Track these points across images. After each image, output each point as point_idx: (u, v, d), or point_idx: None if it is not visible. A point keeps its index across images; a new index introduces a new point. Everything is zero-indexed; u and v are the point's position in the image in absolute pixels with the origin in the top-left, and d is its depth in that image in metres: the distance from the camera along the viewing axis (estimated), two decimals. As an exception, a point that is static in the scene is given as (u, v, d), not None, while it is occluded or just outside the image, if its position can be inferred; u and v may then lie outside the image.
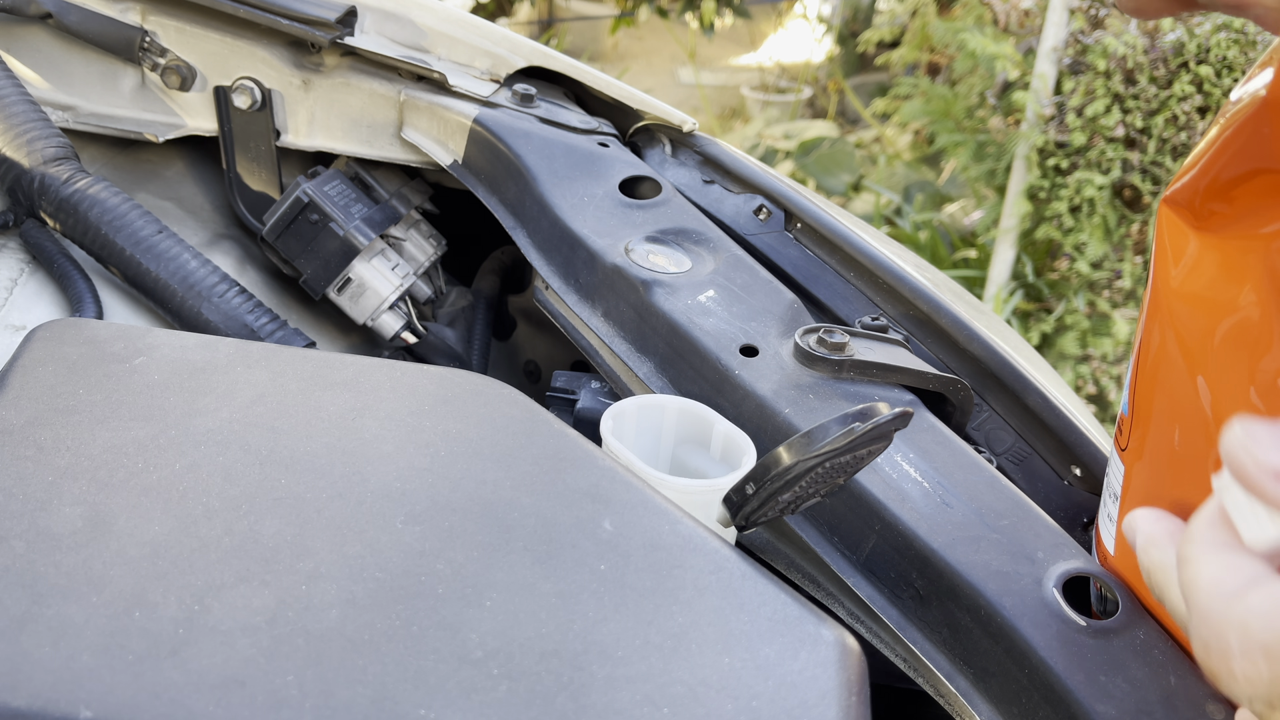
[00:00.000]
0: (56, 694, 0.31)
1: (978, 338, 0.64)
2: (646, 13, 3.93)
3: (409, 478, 0.41)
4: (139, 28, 0.75)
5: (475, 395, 0.46)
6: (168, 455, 0.40)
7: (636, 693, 0.34)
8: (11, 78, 0.67)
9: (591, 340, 0.66)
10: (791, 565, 0.57)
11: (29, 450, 0.40)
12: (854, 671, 0.37)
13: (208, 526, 0.38)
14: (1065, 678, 0.45)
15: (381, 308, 0.78)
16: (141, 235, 0.65)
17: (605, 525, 0.40)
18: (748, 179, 0.76)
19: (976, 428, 0.63)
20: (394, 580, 0.37)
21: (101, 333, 0.47)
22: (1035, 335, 2.59)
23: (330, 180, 0.78)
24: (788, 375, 0.57)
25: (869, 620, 0.54)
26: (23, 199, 0.66)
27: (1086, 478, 0.59)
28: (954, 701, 0.49)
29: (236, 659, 0.33)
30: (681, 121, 0.81)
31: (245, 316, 0.65)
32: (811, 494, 0.44)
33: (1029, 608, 0.47)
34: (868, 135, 3.92)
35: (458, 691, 0.33)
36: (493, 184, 0.75)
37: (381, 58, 0.77)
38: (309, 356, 0.47)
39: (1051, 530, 0.51)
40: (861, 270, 0.69)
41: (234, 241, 0.81)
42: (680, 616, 0.37)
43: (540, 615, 0.36)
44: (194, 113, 0.79)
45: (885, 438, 0.42)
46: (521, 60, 0.81)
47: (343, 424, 0.43)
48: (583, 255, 0.66)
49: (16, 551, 0.36)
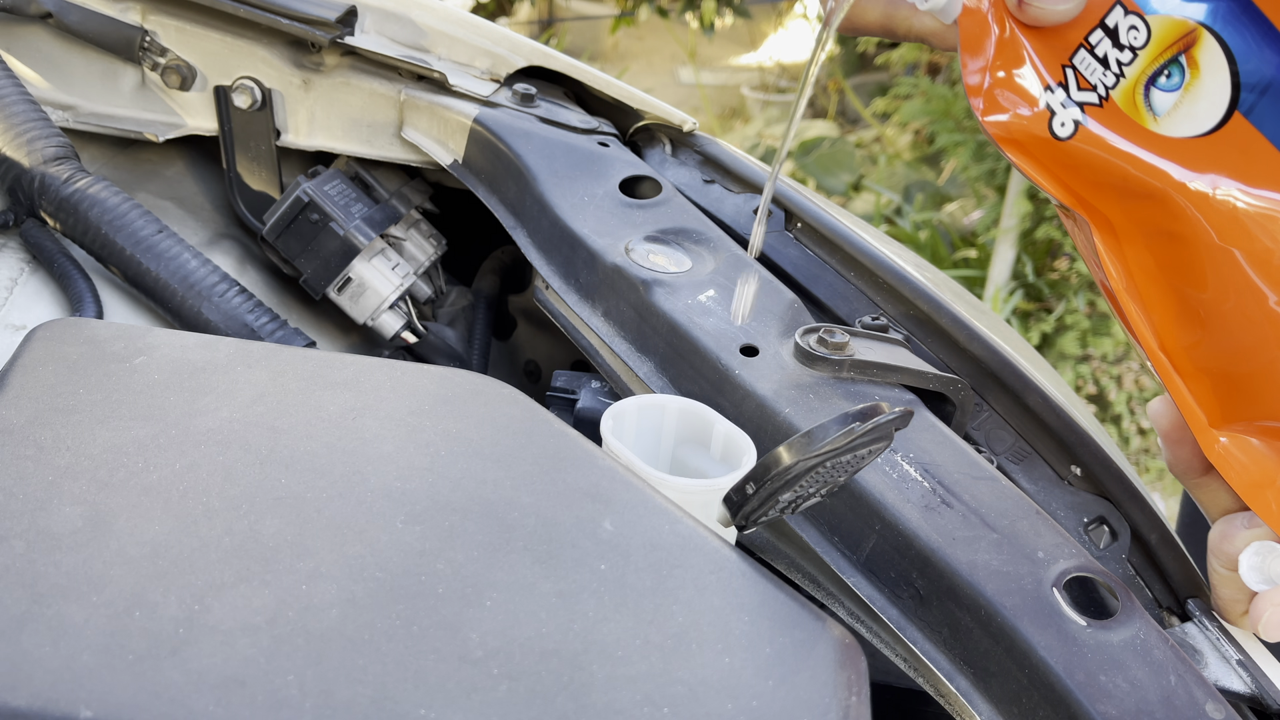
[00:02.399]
0: (56, 694, 0.31)
1: (978, 337, 0.64)
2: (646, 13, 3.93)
3: (409, 477, 0.41)
4: (139, 27, 0.75)
5: (475, 395, 0.46)
6: (168, 455, 0.40)
7: (637, 692, 0.34)
8: (11, 77, 0.67)
9: (591, 340, 0.66)
10: (791, 565, 0.57)
11: (29, 450, 0.40)
12: (854, 671, 0.37)
13: (208, 526, 0.38)
14: (1065, 678, 0.45)
15: (382, 307, 0.78)
16: (142, 235, 0.65)
17: (605, 525, 0.40)
18: (748, 179, 0.76)
19: (976, 428, 0.63)
20: (394, 580, 0.37)
21: (101, 332, 0.47)
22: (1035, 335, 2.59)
23: (330, 180, 0.78)
24: (788, 375, 0.57)
25: (869, 620, 0.54)
26: (23, 198, 0.66)
27: (1087, 477, 0.59)
28: (954, 701, 0.49)
29: (236, 659, 0.33)
30: (682, 121, 0.81)
31: (245, 316, 0.65)
32: (811, 494, 0.44)
33: (1029, 608, 0.47)
34: (868, 135, 3.92)
35: (458, 691, 0.33)
36: (493, 184, 0.75)
37: (382, 57, 0.77)
38: (309, 356, 0.47)
39: (1051, 530, 0.51)
40: (862, 270, 0.69)
41: (234, 241, 0.81)
42: (680, 616, 0.37)
43: (540, 615, 0.36)
44: (194, 112, 0.79)
45: (886, 437, 0.42)
46: (522, 60, 0.81)
47: (343, 424, 0.43)
48: (583, 255, 0.66)
49: (16, 551, 0.36)
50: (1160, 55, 0.46)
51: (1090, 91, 0.47)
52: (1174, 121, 0.47)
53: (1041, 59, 0.47)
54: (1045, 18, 0.47)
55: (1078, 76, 0.47)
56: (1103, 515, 0.58)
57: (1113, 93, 0.47)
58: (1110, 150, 0.47)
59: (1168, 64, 0.46)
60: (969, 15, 0.49)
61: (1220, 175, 0.46)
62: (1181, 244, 0.47)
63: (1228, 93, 0.46)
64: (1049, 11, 0.46)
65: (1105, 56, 0.47)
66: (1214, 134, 0.46)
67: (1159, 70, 0.46)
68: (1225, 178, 0.46)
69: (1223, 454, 0.49)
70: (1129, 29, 0.46)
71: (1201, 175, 0.46)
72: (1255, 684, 0.50)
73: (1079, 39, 0.47)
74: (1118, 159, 0.47)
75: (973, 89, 0.48)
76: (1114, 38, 0.47)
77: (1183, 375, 0.49)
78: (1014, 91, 0.48)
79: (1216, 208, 0.46)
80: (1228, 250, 0.46)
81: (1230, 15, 0.46)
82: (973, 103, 0.48)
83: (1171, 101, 0.46)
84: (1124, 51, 0.47)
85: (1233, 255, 0.46)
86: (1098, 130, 0.47)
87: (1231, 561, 0.50)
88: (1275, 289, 0.45)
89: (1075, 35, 0.47)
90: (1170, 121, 0.47)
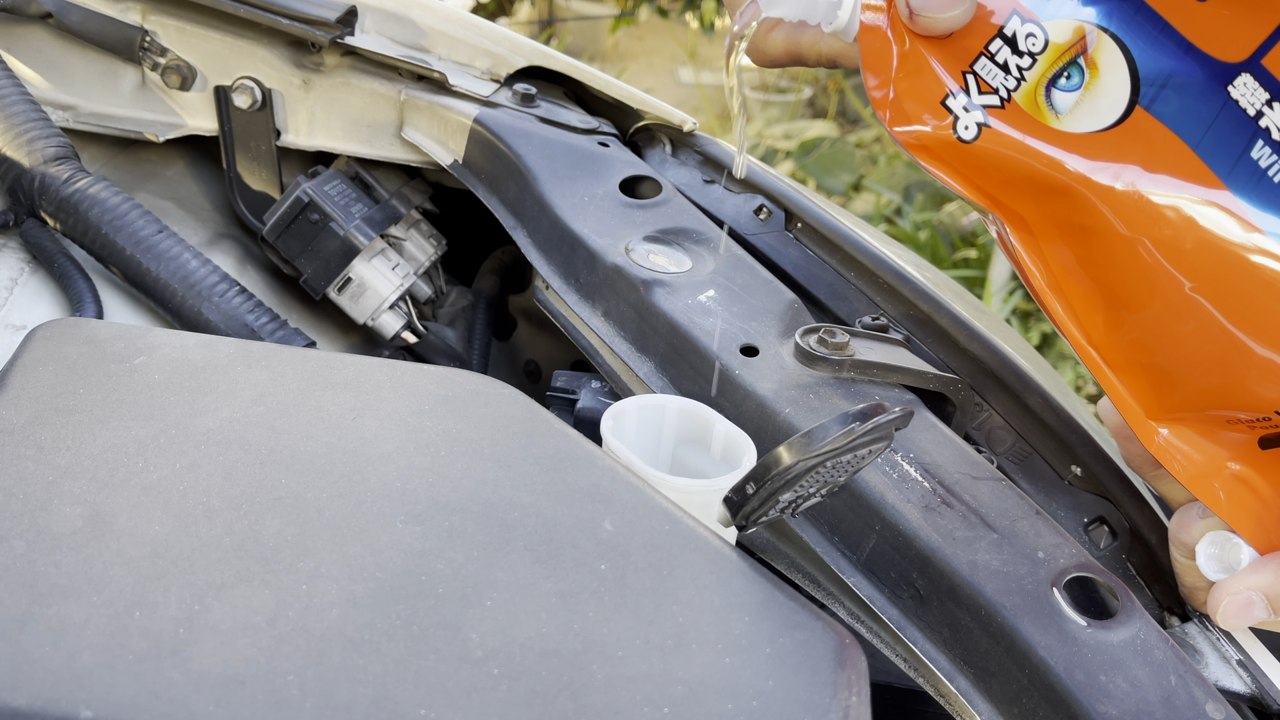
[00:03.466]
0: (56, 694, 0.31)
1: (979, 337, 0.64)
2: (646, 12, 3.93)
3: (409, 477, 0.41)
4: (139, 27, 0.75)
5: (475, 395, 0.46)
6: (168, 455, 0.40)
7: (637, 692, 0.34)
8: (11, 77, 0.67)
9: (592, 340, 0.66)
10: (791, 565, 0.57)
11: (29, 450, 0.40)
12: (854, 671, 0.37)
13: (208, 526, 0.38)
14: (1065, 678, 0.45)
15: (382, 307, 0.78)
16: (142, 235, 0.65)
17: (606, 525, 0.40)
18: (748, 179, 0.76)
19: (976, 428, 0.63)
20: (394, 580, 0.37)
21: (101, 332, 0.47)
22: (1035, 335, 2.59)
23: (330, 180, 0.78)
24: (788, 375, 0.57)
25: (869, 620, 0.54)
26: (23, 198, 0.66)
27: (1087, 477, 0.59)
28: (954, 701, 0.49)
29: (236, 659, 0.33)
30: (682, 121, 0.81)
31: (246, 316, 0.65)
32: (812, 494, 0.44)
33: (1029, 608, 0.47)
34: (868, 135, 3.92)
35: (458, 691, 0.33)
36: (493, 184, 0.75)
37: (382, 57, 0.77)
38: (309, 356, 0.47)
39: (1051, 530, 0.51)
40: (862, 270, 0.69)
41: (234, 241, 0.81)
42: (680, 616, 0.37)
43: (541, 615, 0.36)
44: (194, 112, 0.79)
45: (886, 437, 0.42)
46: (522, 60, 0.81)
47: (343, 424, 0.43)
48: (583, 255, 0.66)
49: (16, 551, 0.36)
50: (1059, 59, 0.48)
51: (992, 94, 0.48)
52: (1076, 118, 0.47)
53: (943, 67, 0.49)
54: (936, 26, 0.48)
55: (979, 81, 0.48)
56: (1103, 515, 0.58)
57: (1014, 94, 0.48)
58: (1014, 147, 0.48)
59: (1066, 66, 0.47)
60: (868, 32, 0.50)
61: (1123, 166, 0.46)
62: (1094, 237, 0.48)
63: (1128, 88, 0.47)
64: (938, 19, 0.48)
65: (1005, 63, 0.48)
66: (1116, 128, 0.47)
67: (1059, 72, 0.48)
68: (1129, 168, 0.46)
69: (1164, 446, 0.49)
70: (1027, 35, 0.48)
71: (1105, 167, 0.47)
72: (1255, 684, 0.50)
73: (979, 47, 0.48)
74: (1022, 155, 0.48)
75: (878, 102, 0.49)
76: (1013, 45, 0.48)
77: (1115, 369, 0.50)
78: (917, 101, 0.49)
79: (1122, 198, 0.46)
80: (1137, 239, 0.46)
81: (1124, 15, 0.47)
82: (879, 114, 0.49)
83: (1072, 100, 0.47)
84: (1023, 57, 0.48)
85: (1143, 244, 0.46)
86: (1001, 129, 0.48)
87: (1190, 551, 0.50)
88: (1189, 275, 0.46)
89: (975, 44, 0.48)
90: (1072, 119, 0.47)
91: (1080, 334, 0.50)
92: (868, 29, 0.50)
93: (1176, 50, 0.46)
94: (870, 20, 0.50)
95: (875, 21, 0.50)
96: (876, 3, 0.50)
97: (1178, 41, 0.46)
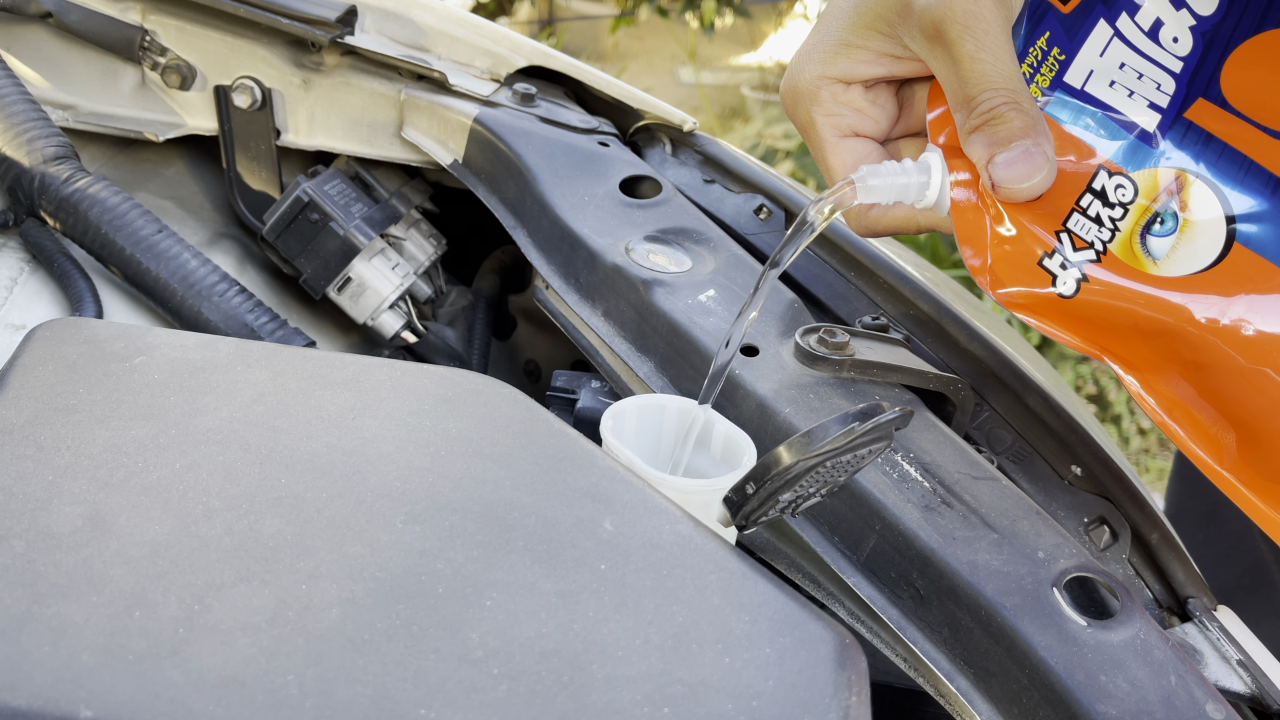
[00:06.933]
0: (56, 694, 0.31)
1: (979, 337, 0.64)
2: (646, 12, 3.93)
3: (409, 477, 0.41)
4: (139, 27, 0.75)
5: (475, 395, 0.46)
6: (168, 454, 0.40)
7: (636, 692, 0.34)
8: (11, 77, 0.67)
9: (592, 340, 0.66)
10: (791, 565, 0.57)
11: (29, 449, 0.40)
12: (854, 671, 0.37)
13: (208, 526, 0.38)
14: (1065, 678, 0.45)
15: (381, 307, 0.78)
16: (141, 234, 0.65)
17: (605, 525, 0.40)
18: (748, 178, 0.76)
19: (976, 427, 0.63)
20: (394, 580, 0.37)
21: (101, 332, 0.47)
22: (1035, 335, 2.59)
23: (330, 180, 0.78)
24: (788, 375, 0.57)
25: (869, 620, 0.54)
26: (23, 198, 0.66)
27: (1087, 477, 0.59)
28: (954, 701, 0.49)
29: (236, 659, 0.33)
30: (682, 121, 0.81)
31: (245, 316, 0.65)
32: (812, 494, 0.44)
33: (1029, 608, 0.47)
34: (868, 135, 3.91)
35: (458, 691, 0.33)
36: (493, 183, 0.75)
37: (382, 57, 0.77)
38: (309, 356, 0.47)
39: (1051, 530, 0.51)
40: (862, 270, 0.69)
41: (234, 241, 0.81)
42: (680, 616, 0.37)
43: (541, 615, 0.36)
44: (194, 112, 0.79)
45: (886, 437, 0.42)
46: (522, 59, 0.81)
47: (343, 423, 0.43)
48: (583, 255, 0.66)
49: (16, 551, 0.36)
50: (1151, 205, 0.49)
51: (1088, 249, 0.49)
52: (1174, 262, 0.48)
53: (1037, 227, 0.50)
54: (1020, 195, 0.49)
55: (1073, 238, 0.49)
56: (1103, 515, 0.58)
57: (1110, 246, 0.49)
58: (1117, 295, 0.49)
59: (1159, 212, 0.49)
60: (958, 208, 0.51)
61: (1229, 300, 0.47)
62: (1212, 372, 0.48)
63: (1223, 228, 0.48)
64: (1021, 189, 0.49)
65: (1098, 215, 0.49)
66: (1215, 266, 0.48)
67: (1151, 219, 0.49)
68: (1235, 302, 0.47)
69: None
70: (1116, 188, 0.49)
71: (1211, 304, 0.48)
72: (1255, 684, 0.50)
73: (1069, 205, 0.50)
74: (1126, 302, 0.49)
75: (976, 269, 0.50)
76: (1103, 198, 0.49)
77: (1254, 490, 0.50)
78: (1014, 266, 0.50)
79: (1234, 333, 0.47)
80: (1257, 370, 0.47)
81: (1210, 158, 0.48)
82: (979, 280, 0.50)
83: (1169, 245, 0.49)
84: (1115, 209, 0.49)
85: (1265, 374, 0.47)
86: (1101, 280, 0.49)
87: None
88: None
89: (1065, 203, 0.50)
90: (1170, 263, 0.49)
91: (1211, 459, 0.50)
92: (958, 206, 0.51)
93: (1265, 187, 0.47)
94: (960, 197, 0.51)
95: (965, 197, 0.51)
96: (965, 177, 0.51)
97: (1265, 178, 0.47)
